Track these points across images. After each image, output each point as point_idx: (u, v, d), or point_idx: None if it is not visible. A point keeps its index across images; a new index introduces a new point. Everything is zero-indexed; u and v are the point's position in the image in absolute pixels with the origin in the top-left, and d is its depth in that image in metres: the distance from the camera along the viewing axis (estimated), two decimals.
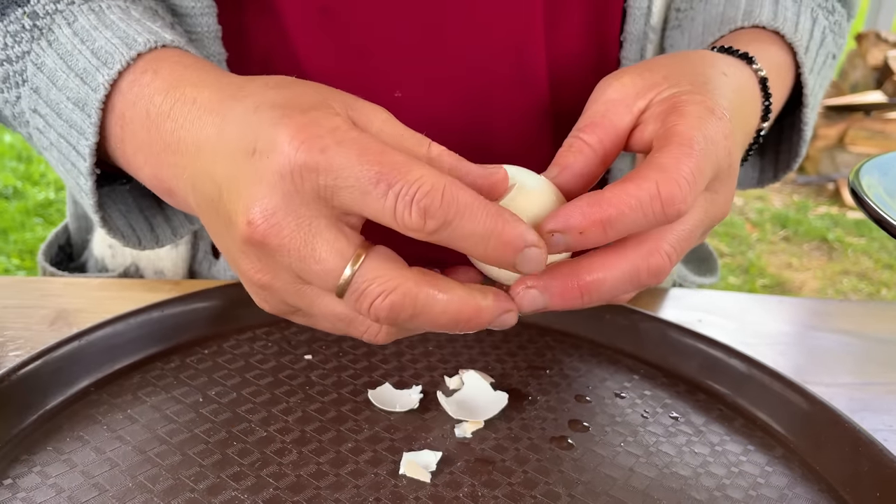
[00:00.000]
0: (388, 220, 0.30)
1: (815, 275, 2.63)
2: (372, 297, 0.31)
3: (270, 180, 0.30)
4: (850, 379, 0.53)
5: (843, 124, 3.26)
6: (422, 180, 0.29)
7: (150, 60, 0.39)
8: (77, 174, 0.42)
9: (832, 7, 0.53)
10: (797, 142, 0.53)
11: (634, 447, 0.41)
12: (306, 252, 0.31)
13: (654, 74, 0.37)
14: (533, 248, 0.31)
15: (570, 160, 0.36)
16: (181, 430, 0.39)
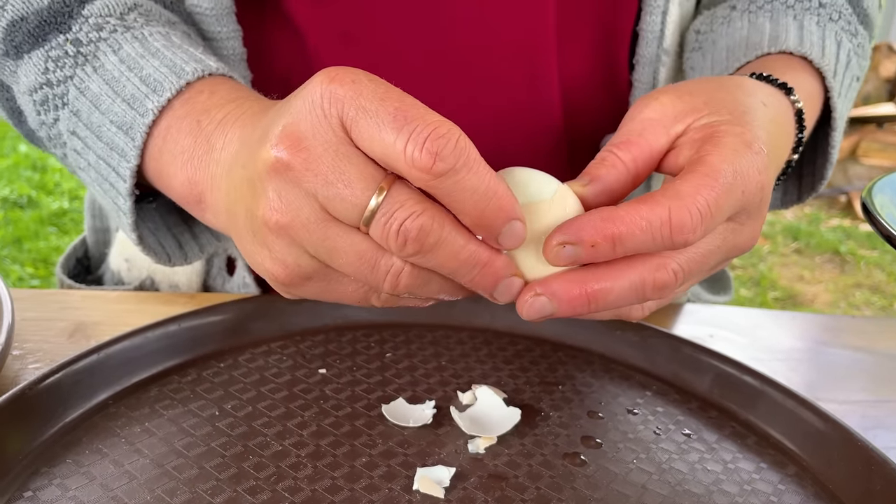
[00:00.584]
0: (397, 157, 0.29)
1: (827, 287, 2.61)
2: (402, 217, 0.30)
3: (300, 108, 0.31)
4: (864, 396, 0.53)
5: (855, 136, 3.25)
6: (438, 124, 0.30)
7: (206, 83, 0.40)
8: (115, 195, 0.43)
9: (855, 30, 0.53)
10: (823, 164, 0.53)
11: (647, 464, 0.41)
12: (335, 176, 0.30)
13: (694, 98, 0.37)
14: (518, 222, 0.32)
15: (601, 173, 0.35)
16: (198, 444, 0.40)
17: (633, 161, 0.36)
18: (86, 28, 0.43)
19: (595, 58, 0.56)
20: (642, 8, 0.54)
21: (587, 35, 0.55)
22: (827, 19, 0.51)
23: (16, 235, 2.52)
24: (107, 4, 0.44)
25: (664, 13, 0.54)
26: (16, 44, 0.44)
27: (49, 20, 0.44)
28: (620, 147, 0.36)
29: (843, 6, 0.52)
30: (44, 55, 0.44)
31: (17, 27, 0.44)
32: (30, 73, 0.44)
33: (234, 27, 0.50)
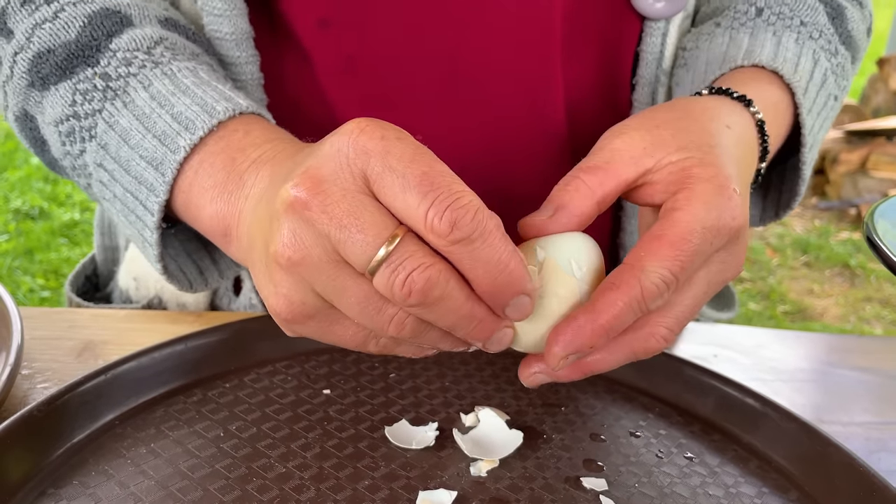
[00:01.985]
0: (418, 220, 0.31)
1: (836, 301, 2.60)
2: (410, 268, 0.31)
3: (328, 153, 0.32)
4: (868, 418, 0.53)
5: (865, 149, 3.24)
6: (461, 194, 0.31)
7: (240, 122, 0.41)
8: (142, 227, 0.44)
9: (835, 49, 0.53)
10: (797, 181, 0.54)
11: (649, 488, 0.41)
12: (349, 220, 0.31)
13: (661, 131, 0.38)
14: (526, 297, 0.33)
15: (565, 199, 0.37)
16: (202, 466, 0.40)
17: (599, 186, 0.37)
18: (114, 62, 0.44)
19: (598, 79, 0.57)
20: (644, 30, 0.55)
21: (591, 57, 0.56)
22: (807, 37, 0.52)
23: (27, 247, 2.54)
24: (134, 38, 0.45)
25: (664, 35, 0.54)
26: (42, 75, 0.45)
27: (77, 53, 0.44)
28: (587, 171, 0.37)
29: (824, 26, 0.53)
30: (71, 87, 0.44)
31: (44, 59, 0.45)
32: (56, 105, 0.45)
33: (252, 52, 0.51)
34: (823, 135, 0.54)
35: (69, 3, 0.46)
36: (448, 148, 0.55)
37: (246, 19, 0.51)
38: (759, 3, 0.53)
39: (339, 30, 0.51)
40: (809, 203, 3.35)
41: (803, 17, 0.52)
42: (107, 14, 0.45)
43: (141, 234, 0.44)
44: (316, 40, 0.52)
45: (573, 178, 0.37)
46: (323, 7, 0.51)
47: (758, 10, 0.53)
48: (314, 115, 0.55)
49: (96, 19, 0.45)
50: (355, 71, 0.53)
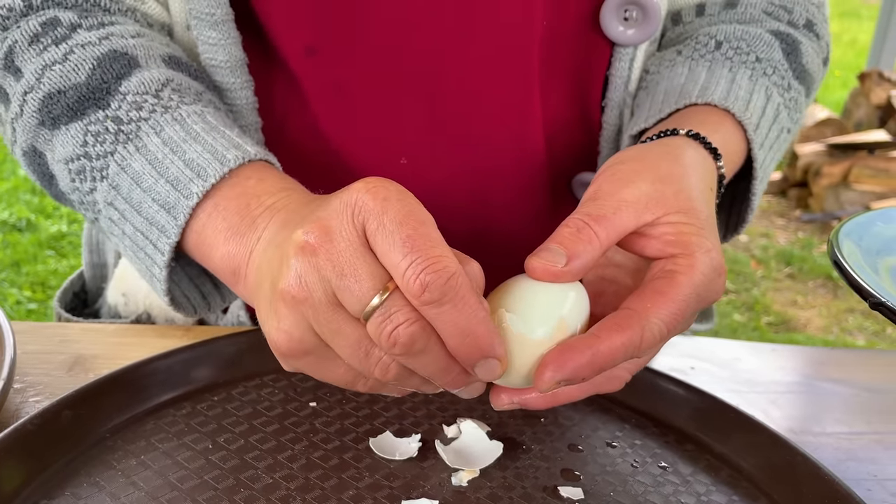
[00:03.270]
0: (398, 276, 0.34)
1: (820, 312, 2.63)
2: (397, 321, 0.34)
3: (335, 206, 0.35)
4: (839, 428, 0.55)
5: (847, 162, 3.29)
6: (438, 258, 0.34)
7: (253, 169, 0.44)
8: (151, 264, 0.46)
9: (788, 84, 0.55)
10: (745, 209, 0.56)
11: (624, 497, 0.42)
12: (349, 270, 0.34)
13: (665, 188, 0.40)
14: (495, 360, 0.36)
15: (578, 249, 0.38)
16: (191, 477, 0.41)
17: (606, 238, 0.39)
18: (125, 106, 0.45)
19: (573, 103, 0.59)
20: (613, 55, 0.57)
21: (566, 82, 0.58)
22: (761, 73, 0.54)
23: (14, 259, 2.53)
24: (142, 81, 0.46)
25: (632, 60, 0.56)
26: (53, 115, 0.46)
27: (88, 95, 0.46)
28: (598, 222, 0.38)
29: (779, 62, 0.55)
30: (83, 129, 0.46)
31: (54, 100, 0.46)
32: (67, 144, 0.46)
33: (246, 78, 0.53)
34: (774, 164, 0.57)
35: (77, 45, 0.47)
36: (431, 167, 0.57)
37: (240, 47, 0.52)
38: (719, 36, 0.55)
39: (325, 57, 0.53)
40: (793, 215, 3.39)
41: (759, 53, 0.54)
42: (115, 56, 0.47)
43: (149, 269, 0.46)
44: (304, 67, 0.54)
45: (585, 227, 0.38)
46: (309, 36, 0.52)
47: (717, 43, 0.55)
48: (301, 136, 0.57)
49: (105, 62, 0.46)
50: (341, 97, 0.54)
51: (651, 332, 0.37)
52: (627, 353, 0.37)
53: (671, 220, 0.40)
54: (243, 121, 0.54)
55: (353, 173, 0.57)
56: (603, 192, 0.40)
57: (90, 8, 0.50)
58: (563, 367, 0.36)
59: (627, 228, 0.39)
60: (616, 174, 0.41)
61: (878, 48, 4.12)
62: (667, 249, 0.40)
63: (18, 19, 0.48)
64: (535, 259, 0.38)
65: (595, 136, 0.60)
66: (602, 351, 0.36)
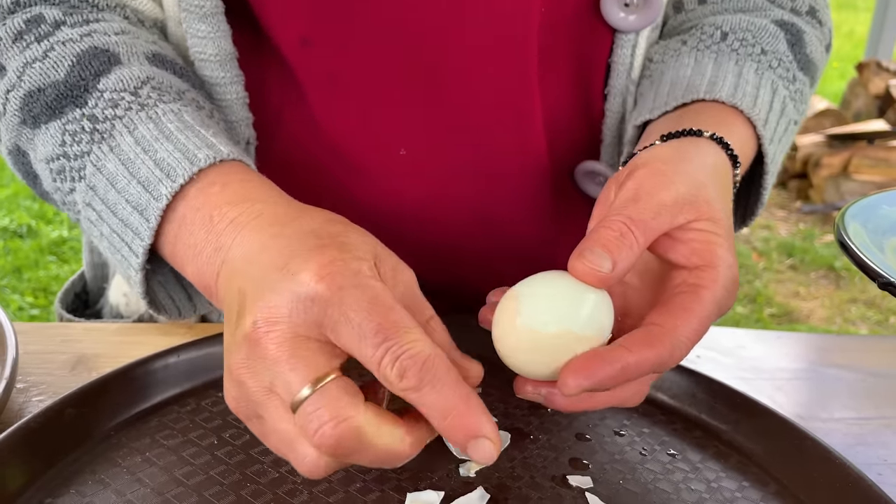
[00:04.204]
0: (372, 368, 0.34)
1: (822, 303, 2.63)
2: (322, 420, 0.33)
3: (287, 297, 0.34)
4: (847, 414, 0.54)
5: (846, 153, 3.28)
6: (412, 344, 0.33)
7: (217, 174, 0.43)
8: (127, 266, 0.45)
9: (793, 76, 0.55)
10: (755, 203, 0.56)
11: (633, 485, 0.42)
12: (285, 357, 0.34)
13: (699, 193, 0.40)
14: (485, 440, 0.34)
15: (623, 255, 0.37)
16: (197, 473, 0.41)
17: (644, 244, 0.38)
18: (101, 104, 0.45)
19: (574, 91, 0.58)
20: (615, 42, 0.56)
21: (566, 70, 0.57)
22: (766, 67, 0.53)
23: (15, 265, 2.53)
24: (121, 78, 0.45)
25: (634, 46, 0.56)
26: (34, 114, 0.46)
27: (66, 93, 0.45)
28: (639, 227, 0.38)
29: (783, 53, 0.55)
30: (61, 128, 0.45)
31: (34, 98, 0.46)
32: (47, 143, 0.46)
33: (236, 72, 0.52)
34: (783, 157, 0.57)
35: (58, 42, 0.46)
36: (430, 157, 0.56)
37: (230, 41, 0.52)
38: (725, 27, 0.55)
39: (320, 48, 0.53)
40: (793, 207, 3.38)
41: (764, 45, 0.54)
42: (95, 53, 0.46)
43: (126, 272, 0.46)
44: (299, 58, 0.53)
45: (628, 232, 0.38)
46: (304, 26, 0.52)
47: (723, 34, 0.55)
48: (297, 127, 0.56)
49: (85, 58, 0.46)
50: (337, 87, 0.54)
51: (679, 350, 0.37)
52: (654, 368, 0.37)
53: (701, 227, 0.40)
54: (234, 116, 0.53)
55: (353, 165, 0.56)
56: (644, 192, 0.39)
57: (78, 4, 0.49)
58: (591, 376, 0.36)
59: (661, 232, 0.39)
60: (657, 174, 0.40)
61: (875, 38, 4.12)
62: (692, 259, 0.40)
63: (5, 16, 0.48)
64: (579, 261, 0.37)
65: (597, 125, 0.60)
66: (631, 364, 0.36)
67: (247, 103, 0.54)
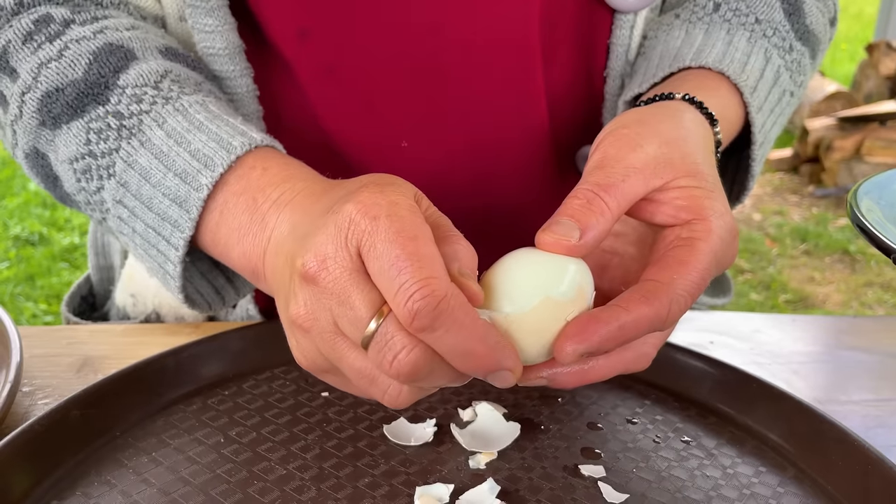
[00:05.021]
0: (389, 300, 0.32)
1: (838, 288, 2.60)
2: (395, 350, 0.32)
3: (331, 231, 0.34)
4: (865, 396, 0.53)
5: (858, 135, 3.25)
6: (427, 282, 0.32)
7: (257, 158, 0.43)
8: (164, 260, 0.45)
9: (790, 46, 0.54)
10: (745, 177, 0.55)
11: (646, 473, 0.41)
12: (344, 297, 0.33)
13: (672, 151, 0.39)
14: (507, 371, 0.34)
15: (592, 221, 0.36)
16: (203, 471, 0.40)
17: (617, 207, 0.37)
18: (125, 100, 0.44)
19: (576, 73, 0.58)
20: (614, 22, 0.56)
21: (568, 52, 0.57)
22: (760, 35, 0.52)
23: (28, 273, 2.54)
24: (141, 74, 0.45)
25: (632, 27, 0.55)
26: (53, 115, 0.46)
27: (86, 91, 0.45)
28: (608, 191, 0.37)
29: (780, 23, 0.53)
30: (84, 126, 0.45)
31: (53, 98, 0.45)
32: (70, 144, 0.45)
33: (245, 65, 0.52)
34: (778, 130, 0.55)
35: (72, 41, 0.46)
36: (433, 147, 0.56)
37: (236, 33, 0.51)
38: None
39: (318, 40, 0.52)
40: (806, 191, 3.35)
41: (759, 14, 0.53)
42: (111, 50, 0.46)
43: (162, 266, 0.45)
44: (296, 50, 0.52)
45: (595, 198, 0.37)
46: (302, 17, 0.51)
47: (715, 4, 0.54)
48: (299, 123, 0.56)
49: (101, 56, 0.45)
50: (337, 79, 0.53)
51: (678, 304, 0.36)
52: (653, 325, 0.36)
53: (680, 184, 0.39)
54: (245, 109, 0.53)
55: (354, 158, 0.56)
56: (609, 159, 0.38)
57: (82, 2, 0.49)
58: (587, 338, 0.34)
59: (637, 195, 0.38)
60: (620, 139, 0.39)
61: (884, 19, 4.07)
62: (679, 215, 0.38)
63: (10, 18, 0.48)
64: (546, 234, 0.36)
65: (598, 107, 0.59)
66: (628, 322, 0.35)
67: (257, 96, 0.53)
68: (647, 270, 0.38)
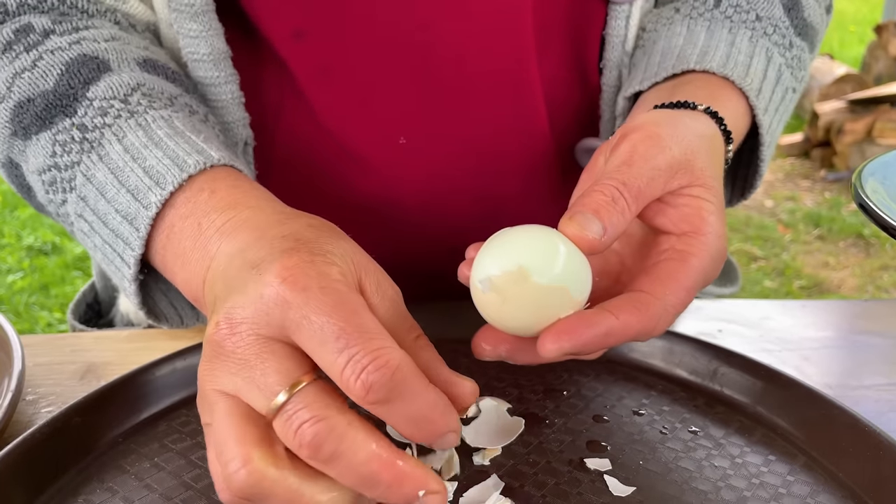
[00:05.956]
0: (335, 377, 0.31)
1: (853, 272, 2.58)
2: (301, 420, 0.30)
3: (251, 296, 0.32)
4: (879, 380, 0.52)
5: (869, 117, 3.21)
6: (379, 352, 0.30)
7: (206, 180, 0.41)
8: (121, 277, 0.44)
9: (790, 42, 0.53)
10: (753, 175, 0.54)
11: (653, 464, 0.41)
12: (255, 363, 0.32)
13: (694, 159, 0.39)
14: (452, 434, 0.33)
15: (614, 220, 0.36)
16: (206, 476, 0.40)
17: (636, 210, 0.37)
18: (91, 112, 0.44)
19: (571, 66, 0.57)
20: (609, 13, 0.55)
21: (563, 45, 0.56)
22: (761, 34, 0.51)
23: (42, 282, 2.56)
24: (111, 86, 0.44)
25: (628, 17, 0.54)
26: (24, 125, 0.45)
27: (55, 103, 0.44)
28: (632, 192, 0.36)
29: (779, 19, 0.52)
30: (51, 138, 0.44)
31: (24, 109, 0.45)
32: (38, 155, 0.45)
33: (230, 71, 0.51)
34: (782, 127, 0.55)
35: (47, 51, 0.46)
36: (431, 144, 0.55)
37: (222, 39, 0.50)
38: None
39: (313, 40, 0.51)
40: (817, 176, 3.32)
41: (759, 11, 0.52)
42: (84, 61, 0.45)
43: (121, 283, 0.45)
44: (292, 51, 0.52)
45: (620, 197, 0.36)
46: (296, 18, 0.51)
47: (716, 0, 0.53)
48: (297, 121, 0.55)
49: (73, 67, 0.45)
50: (332, 79, 0.53)
51: (665, 320, 0.37)
52: (639, 335, 0.36)
53: (693, 192, 0.38)
54: (230, 117, 0.52)
55: (353, 157, 0.55)
56: (639, 157, 0.38)
57: (67, 11, 0.49)
58: (574, 339, 0.34)
59: (654, 195, 0.38)
60: (652, 137, 0.39)
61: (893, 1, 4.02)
62: (681, 225, 0.38)
63: None
64: (572, 225, 0.35)
65: (596, 99, 0.58)
66: (615, 328, 0.35)
67: (242, 103, 0.53)
68: (637, 280, 0.37)
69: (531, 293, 0.35)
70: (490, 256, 0.35)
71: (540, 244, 0.35)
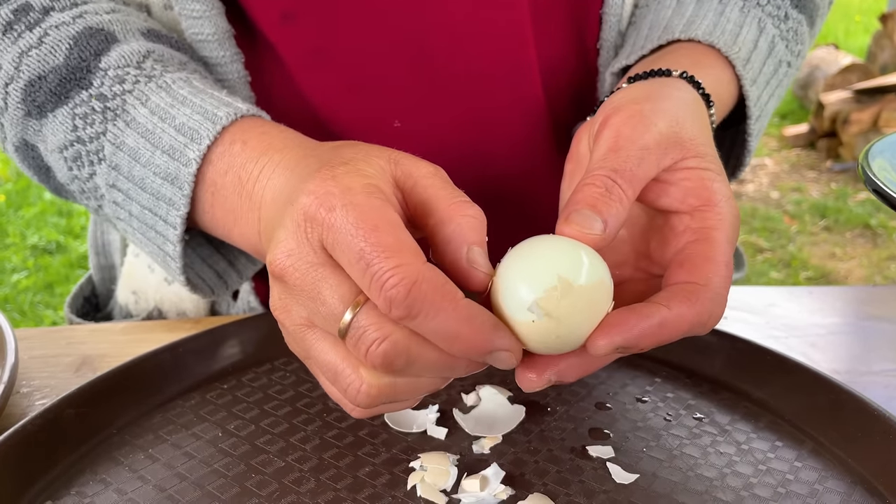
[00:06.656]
0: (367, 292, 0.31)
1: (860, 263, 2.56)
2: (369, 341, 0.31)
3: (289, 226, 0.33)
4: (887, 366, 0.51)
5: (875, 107, 3.19)
6: (396, 270, 0.30)
7: (237, 132, 0.42)
8: (163, 241, 0.44)
9: (785, 14, 0.51)
10: (741, 152, 0.53)
11: (657, 452, 0.40)
12: (315, 293, 0.32)
13: (681, 130, 0.37)
14: (503, 353, 0.32)
15: (612, 211, 0.34)
16: (200, 466, 0.39)
17: (633, 194, 0.35)
18: (107, 82, 0.44)
19: (569, 45, 0.56)
20: None
21: (560, 24, 0.55)
22: (753, 4, 0.50)
23: (47, 281, 2.56)
24: (122, 55, 0.44)
25: None
26: (38, 103, 0.45)
27: (68, 77, 0.44)
28: (624, 177, 0.35)
29: None
30: (69, 113, 0.44)
31: (36, 87, 0.45)
32: (58, 132, 0.45)
33: (235, 50, 0.51)
34: (776, 103, 0.53)
35: (52, 27, 0.45)
36: (426, 127, 0.54)
37: (224, 18, 0.50)
38: None
39: (303, 23, 0.51)
40: (824, 167, 3.30)
41: None
42: (91, 33, 0.45)
43: (162, 248, 0.45)
44: (281, 35, 0.51)
45: (613, 186, 0.35)
46: (284, 1, 0.50)
47: None
48: (292, 104, 0.54)
49: (81, 40, 0.45)
50: (324, 62, 0.52)
51: (719, 305, 0.34)
52: (693, 328, 0.34)
53: (689, 164, 0.37)
54: (237, 95, 0.51)
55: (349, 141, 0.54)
56: (624, 139, 0.36)
57: None
58: (626, 331, 0.32)
59: (649, 176, 0.36)
60: (634, 116, 0.37)
61: None
62: (688, 200, 0.37)
63: None
64: (569, 226, 0.34)
65: (594, 81, 0.57)
66: (670, 319, 0.33)
67: (248, 81, 0.52)
68: (673, 273, 0.35)
69: (579, 299, 0.32)
70: (523, 284, 0.32)
71: (555, 250, 0.33)
